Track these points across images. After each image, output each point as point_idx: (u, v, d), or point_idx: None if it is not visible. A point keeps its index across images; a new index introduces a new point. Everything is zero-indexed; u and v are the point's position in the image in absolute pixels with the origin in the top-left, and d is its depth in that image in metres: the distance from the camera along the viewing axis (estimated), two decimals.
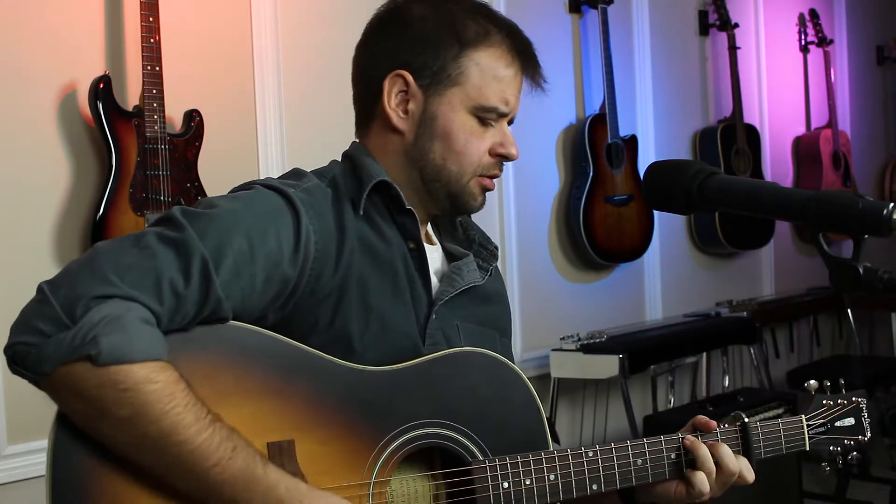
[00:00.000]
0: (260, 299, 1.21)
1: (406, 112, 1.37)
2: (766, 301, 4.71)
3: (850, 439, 1.52)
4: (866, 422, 1.54)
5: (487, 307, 1.48)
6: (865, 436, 1.53)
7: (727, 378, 4.43)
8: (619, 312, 4.11)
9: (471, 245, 1.49)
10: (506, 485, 1.27)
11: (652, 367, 3.78)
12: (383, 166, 1.38)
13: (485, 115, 1.37)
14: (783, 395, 3.77)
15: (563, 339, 3.57)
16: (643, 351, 3.59)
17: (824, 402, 1.53)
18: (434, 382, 1.28)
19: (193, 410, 1.09)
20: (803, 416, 1.51)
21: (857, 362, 4.86)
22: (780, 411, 3.64)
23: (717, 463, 1.38)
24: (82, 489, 1.10)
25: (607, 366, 3.44)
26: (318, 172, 1.37)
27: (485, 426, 1.29)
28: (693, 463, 1.38)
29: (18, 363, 1.07)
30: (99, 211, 2.38)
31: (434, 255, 1.45)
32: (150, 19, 2.42)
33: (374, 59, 1.39)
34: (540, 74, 1.42)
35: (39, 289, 1.09)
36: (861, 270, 1.06)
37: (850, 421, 1.52)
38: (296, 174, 1.35)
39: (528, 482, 1.28)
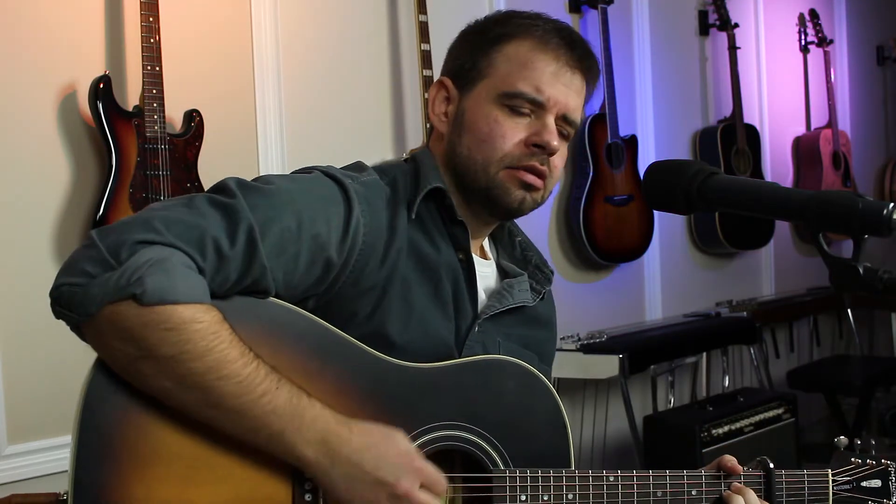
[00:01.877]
0: (302, 280, 1.22)
1: (446, 115, 1.39)
2: (766, 301, 4.70)
3: (875, 501, 1.49)
4: (893, 486, 1.51)
5: (534, 331, 1.47)
6: (891, 500, 1.50)
7: (727, 378, 4.43)
8: (619, 312, 4.11)
9: (527, 266, 1.48)
10: (523, 497, 1.27)
11: (652, 367, 3.77)
12: (442, 174, 1.38)
13: (513, 103, 1.33)
14: (783, 396, 3.77)
15: (563, 339, 3.57)
16: (643, 351, 3.58)
17: (852, 459, 1.50)
18: (464, 386, 1.28)
19: (238, 346, 1.11)
20: (830, 470, 1.48)
21: (857, 362, 4.86)
22: (780, 411, 3.65)
23: None
24: (110, 436, 1.11)
25: (607, 366, 3.43)
26: (381, 169, 1.37)
27: (509, 435, 1.29)
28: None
29: (63, 305, 1.09)
30: (99, 211, 2.37)
31: (486, 271, 1.44)
32: (150, 19, 2.42)
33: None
34: (592, 63, 1.37)
35: (89, 236, 1.12)
36: (861, 270, 1.05)
37: (876, 482, 1.50)
38: (357, 167, 1.36)
39: (545, 498, 1.28)
